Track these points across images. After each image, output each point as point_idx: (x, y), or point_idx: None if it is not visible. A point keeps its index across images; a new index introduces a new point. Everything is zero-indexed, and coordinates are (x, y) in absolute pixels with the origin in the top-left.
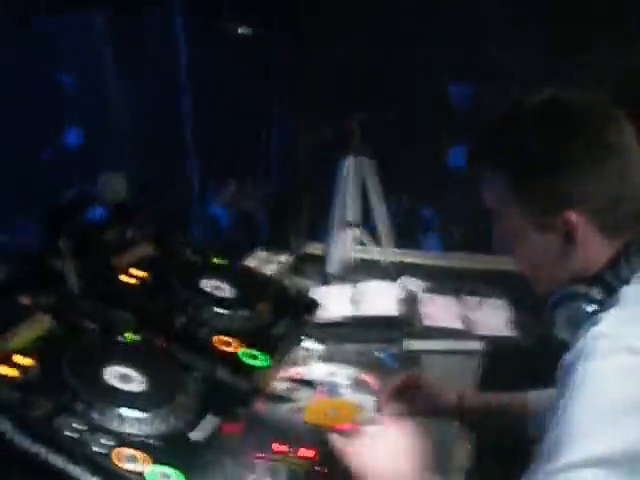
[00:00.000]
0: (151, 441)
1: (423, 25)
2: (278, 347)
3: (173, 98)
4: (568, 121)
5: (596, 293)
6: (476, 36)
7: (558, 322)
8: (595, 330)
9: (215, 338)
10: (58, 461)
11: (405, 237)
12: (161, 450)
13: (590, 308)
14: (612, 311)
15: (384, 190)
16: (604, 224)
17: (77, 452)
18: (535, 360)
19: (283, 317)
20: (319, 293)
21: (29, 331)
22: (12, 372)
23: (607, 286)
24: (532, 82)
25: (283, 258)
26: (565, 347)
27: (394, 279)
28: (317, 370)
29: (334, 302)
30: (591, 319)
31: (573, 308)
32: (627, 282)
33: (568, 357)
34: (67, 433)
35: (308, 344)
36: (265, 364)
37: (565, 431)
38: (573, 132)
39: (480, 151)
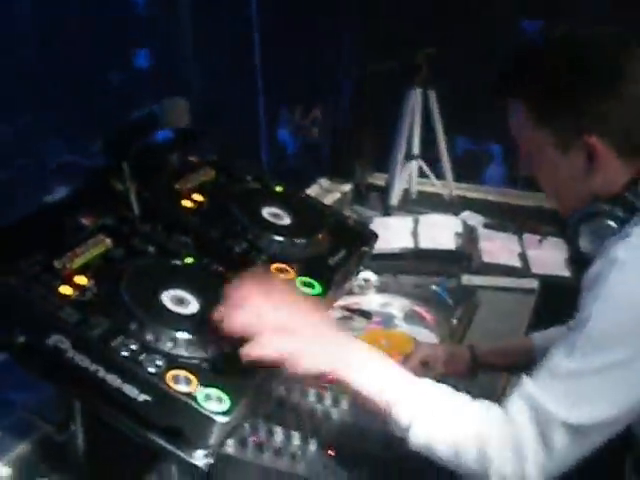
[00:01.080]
0: (204, 365)
1: None
2: (334, 276)
3: (244, 24)
4: (587, 50)
5: (619, 211)
6: None
7: (582, 236)
8: (627, 242)
9: (272, 265)
10: (114, 380)
11: (470, 171)
12: (212, 373)
13: (614, 224)
14: None
15: (451, 124)
16: (622, 147)
17: (132, 372)
18: None
19: (341, 247)
20: (380, 224)
21: (89, 252)
22: (72, 292)
23: (629, 205)
24: (598, 19)
25: (346, 187)
26: (588, 261)
27: (455, 213)
28: (373, 301)
29: (394, 233)
30: (619, 233)
31: (597, 223)
32: None
33: (597, 266)
34: (123, 353)
35: (365, 274)
36: (321, 292)
37: (600, 331)
38: (590, 59)
39: (505, 81)
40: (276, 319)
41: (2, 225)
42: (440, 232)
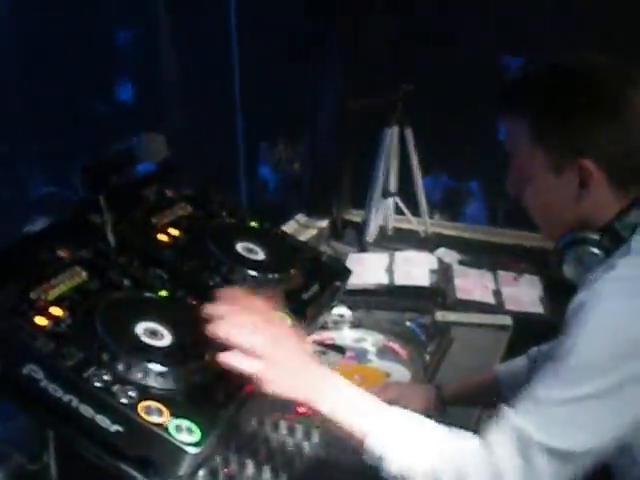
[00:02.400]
0: (176, 396)
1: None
2: (307, 311)
3: (225, 61)
4: (594, 77)
5: (605, 241)
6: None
7: (567, 262)
8: (613, 273)
9: None
10: (86, 410)
11: (448, 209)
12: (184, 404)
13: (600, 253)
14: (627, 258)
15: (429, 161)
16: (615, 175)
17: (104, 402)
18: None
19: (314, 282)
20: (355, 260)
21: (65, 284)
22: (47, 322)
23: (616, 235)
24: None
25: (323, 223)
26: (570, 288)
27: (431, 250)
28: (347, 336)
29: (369, 269)
30: (606, 263)
31: (583, 251)
32: (634, 233)
33: (581, 296)
34: (96, 384)
35: (340, 310)
36: (292, 326)
37: (585, 360)
38: (597, 88)
39: (509, 94)
40: (257, 338)
41: None
42: (415, 268)
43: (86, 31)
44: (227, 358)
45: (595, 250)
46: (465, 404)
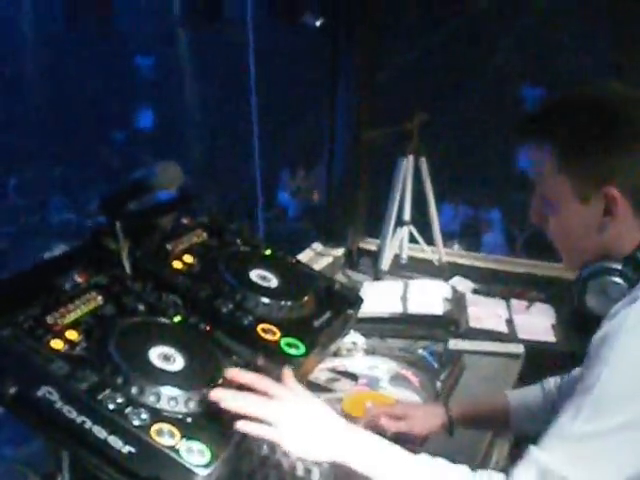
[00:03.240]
0: (187, 419)
1: (498, 29)
2: (319, 338)
3: (242, 90)
4: (618, 106)
5: (629, 271)
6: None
7: (590, 292)
8: (636, 306)
9: (259, 326)
10: (100, 431)
11: (466, 238)
12: (196, 428)
13: (624, 284)
14: None
15: (447, 190)
16: (639, 204)
17: (117, 424)
18: (573, 367)
19: (326, 310)
20: (370, 288)
21: (81, 308)
22: (63, 346)
23: (639, 266)
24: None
25: (338, 252)
26: (594, 318)
27: (445, 279)
28: (360, 363)
29: (384, 298)
30: (630, 295)
31: (607, 281)
32: None
33: (604, 329)
34: (110, 406)
35: (353, 337)
36: (304, 353)
37: (608, 394)
38: (621, 116)
39: (536, 122)
40: (268, 407)
41: (1, 278)
42: (429, 297)
43: (107, 60)
44: (244, 426)
45: (618, 280)
46: (473, 427)
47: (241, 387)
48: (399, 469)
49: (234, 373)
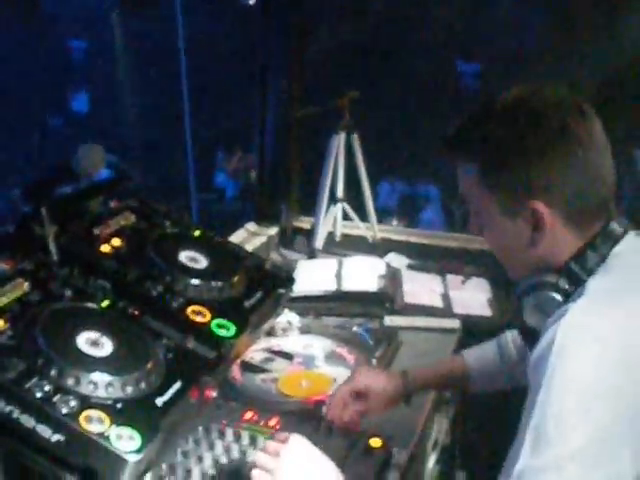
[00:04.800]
0: (117, 404)
1: (433, 3)
2: (250, 319)
3: (174, 70)
4: (535, 115)
5: (563, 283)
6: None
7: (527, 309)
8: (563, 322)
9: (188, 308)
10: (28, 420)
11: (405, 215)
12: (126, 413)
13: (559, 297)
14: (579, 302)
15: (385, 167)
16: (570, 215)
17: (45, 413)
18: None
19: (257, 290)
20: (304, 266)
21: (6, 296)
22: None
23: (574, 276)
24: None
25: (272, 231)
26: (534, 334)
27: (380, 256)
28: (295, 342)
29: (318, 276)
30: (559, 309)
31: (541, 297)
32: (592, 273)
33: (537, 352)
34: (37, 394)
35: (288, 316)
36: (235, 334)
37: (543, 426)
38: (539, 125)
39: (453, 141)
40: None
41: None
42: (363, 274)
43: (40, 43)
44: None
45: (553, 294)
46: (433, 389)
47: None
48: None
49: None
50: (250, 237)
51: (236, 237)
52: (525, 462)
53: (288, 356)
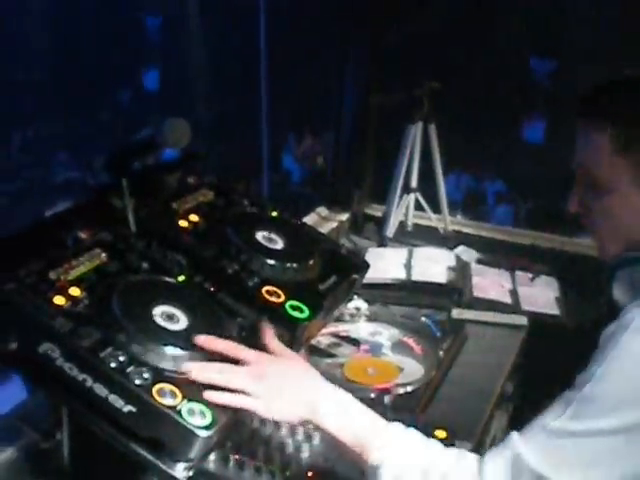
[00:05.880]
0: (189, 379)
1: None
2: (324, 302)
3: (252, 54)
4: None
5: None
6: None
7: (617, 282)
8: None
9: (263, 288)
10: (101, 390)
11: (469, 207)
12: (197, 388)
13: None
14: None
15: (452, 160)
16: None
17: (119, 383)
18: (577, 341)
19: (331, 274)
20: (374, 254)
21: (84, 265)
22: (65, 302)
23: None
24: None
25: (343, 217)
26: (616, 309)
27: (450, 248)
28: (362, 329)
29: (388, 264)
30: None
31: (636, 272)
32: None
33: (611, 328)
34: (111, 364)
35: (356, 303)
36: (308, 316)
37: (598, 396)
38: None
39: (588, 104)
40: (237, 377)
41: (4, 235)
42: (433, 265)
43: (114, 17)
44: (211, 397)
45: None
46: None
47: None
48: (368, 435)
49: (203, 340)
50: (321, 221)
51: (307, 221)
52: (563, 423)
53: (355, 342)
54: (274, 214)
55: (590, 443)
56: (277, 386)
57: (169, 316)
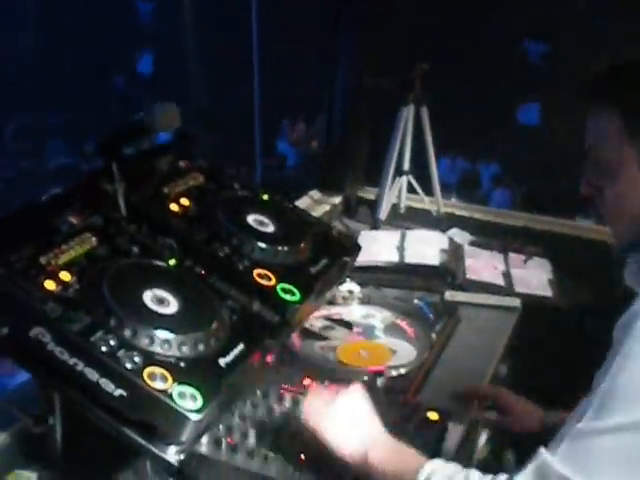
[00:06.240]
0: (181, 363)
1: None
2: (315, 285)
3: (244, 37)
4: None
5: None
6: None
7: (628, 267)
8: None
9: (254, 271)
10: (92, 374)
11: (463, 191)
12: (189, 372)
13: None
14: None
15: (445, 143)
16: None
17: (109, 367)
18: (570, 323)
19: (323, 256)
20: (367, 237)
21: (75, 249)
22: (56, 287)
23: None
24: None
25: (336, 200)
26: (630, 296)
27: (442, 230)
28: (355, 312)
29: (380, 247)
30: None
31: None
32: None
33: (627, 315)
34: (102, 348)
35: (349, 286)
36: (299, 300)
37: (616, 391)
38: None
39: (597, 87)
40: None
41: None
42: (426, 248)
43: (108, 1)
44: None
45: None
46: None
47: None
48: (412, 460)
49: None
50: (313, 205)
51: (300, 204)
52: (586, 423)
53: (348, 325)
54: (265, 197)
55: (616, 439)
56: (340, 421)
57: (160, 300)
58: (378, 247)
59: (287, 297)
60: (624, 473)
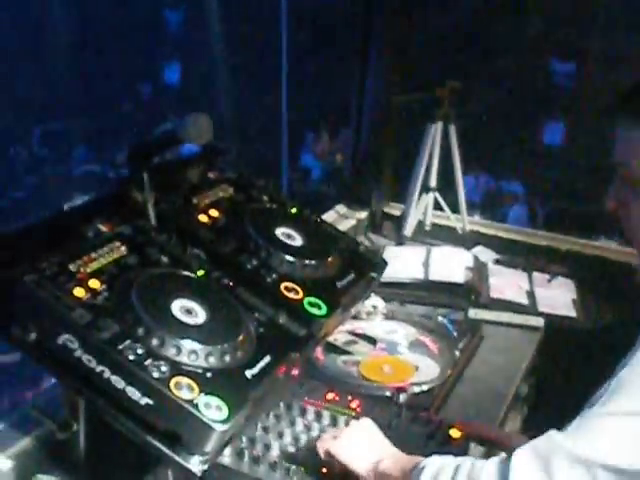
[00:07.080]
0: (207, 374)
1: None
2: (341, 300)
3: (273, 51)
4: None
5: None
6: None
7: None
8: None
9: (282, 284)
10: (118, 382)
11: (487, 208)
12: (215, 383)
13: None
14: None
15: (471, 160)
16: None
17: (136, 375)
18: (594, 344)
19: (350, 271)
20: (392, 253)
21: (104, 258)
22: (85, 294)
23: None
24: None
25: (362, 215)
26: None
27: (467, 247)
28: (379, 327)
29: (405, 263)
30: None
31: None
32: None
33: None
34: (129, 357)
35: (374, 301)
36: (326, 314)
37: (632, 379)
38: None
39: (630, 102)
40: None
41: (24, 227)
42: (450, 265)
43: (135, 13)
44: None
45: None
46: None
47: None
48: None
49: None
50: (339, 219)
51: (326, 218)
52: (599, 407)
53: (371, 340)
54: (293, 211)
55: (625, 422)
56: (355, 440)
57: (188, 310)
58: (403, 263)
59: (314, 311)
60: (628, 455)
